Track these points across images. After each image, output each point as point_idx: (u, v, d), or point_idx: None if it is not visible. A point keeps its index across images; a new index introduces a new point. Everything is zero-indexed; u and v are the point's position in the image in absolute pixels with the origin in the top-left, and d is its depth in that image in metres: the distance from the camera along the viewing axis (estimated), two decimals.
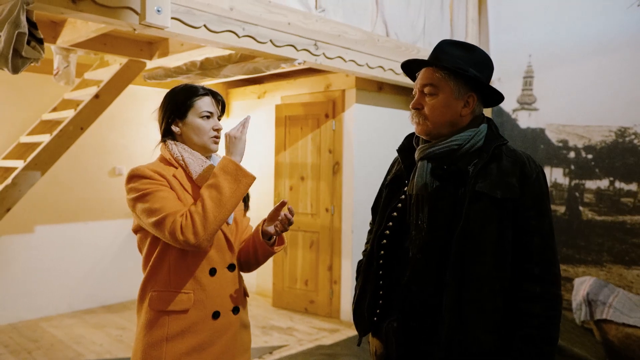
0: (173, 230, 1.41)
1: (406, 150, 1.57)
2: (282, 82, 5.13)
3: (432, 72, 1.44)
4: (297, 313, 4.74)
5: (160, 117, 1.65)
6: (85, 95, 4.08)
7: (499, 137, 1.45)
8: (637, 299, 3.36)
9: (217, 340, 1.53)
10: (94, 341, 3.94)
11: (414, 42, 4.51)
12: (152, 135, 5.28)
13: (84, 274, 4.83)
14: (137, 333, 1.55)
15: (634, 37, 4.14)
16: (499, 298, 1.37)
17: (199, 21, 2.84)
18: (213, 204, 1.45)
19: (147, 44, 4.01)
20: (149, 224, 1.46)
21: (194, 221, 1.42)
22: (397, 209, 1.51)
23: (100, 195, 4.95)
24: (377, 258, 1.53)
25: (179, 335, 1.48)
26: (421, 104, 1.46)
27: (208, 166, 1.59)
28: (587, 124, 4.47)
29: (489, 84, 1.47)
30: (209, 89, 1.65)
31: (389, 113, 4.83)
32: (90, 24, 3.10)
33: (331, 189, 4.65)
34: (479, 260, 1.36)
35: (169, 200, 1.47)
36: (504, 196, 1.36)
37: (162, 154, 1.62)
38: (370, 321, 1.54)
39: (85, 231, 4.86)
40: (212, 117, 1.62)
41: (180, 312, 1.49)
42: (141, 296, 1.56)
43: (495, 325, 1.36)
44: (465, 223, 1.36)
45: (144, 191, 1.48)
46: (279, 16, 3.27)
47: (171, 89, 1.66)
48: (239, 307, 1.60)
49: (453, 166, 1.42)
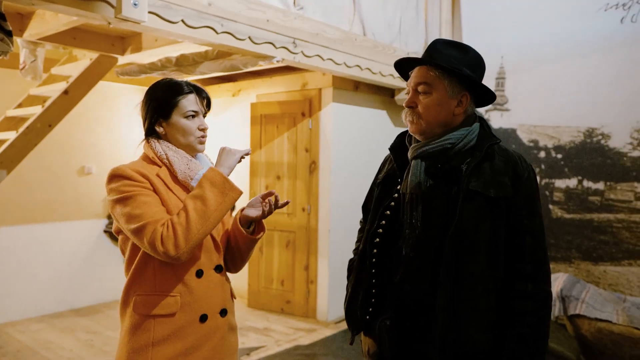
0: (153, 240, 1.36)
1: (398, 148, 1.57)
2: (257, 80, 5.07)
3: (426, 71, 1.44)
4: (273, 313, 4.70)
5: (143, 114, 1.58)
6: (53, 91, 3.93)
7: (491, 136, 1.46)
8: (607, 294, 3.46)
9: (204, 344, 1.48)
10: (63, 346, 3.80)
11: (390, 42, 4.53)
12: (123, 134, 5.13)
13: (52, 277, 4.66)
14: (121, 338, 1.48)
15: (602, 41, 4.27)
16: (492, 297, 1.37)
17: (176, 16, 2.77)
18: (197, 216, 1.40)
19: (119, 38, 3.89)
20: (128, 230, 1.40)
21: (175, 232, 1.36)
22: (390, 208, 1.51)
23: (68, 195, 4.78)
24: (370, 257, 1.52)
25: (165, 339, 1.43)
26: (415, 102, 1.45)
27: (193, 164, 1.53)
28: (557, 124, 4.59)
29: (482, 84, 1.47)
30: (193, 85, 1.57)
31: (366, 112, 4.84)
32: (61, 17, 2.98)
33: (308, 188, 4.63)
34: (473, 258, 1.36)
35: (151, 206, 1.41)
36: (497, 195, 1.37)
37: (145, 152, 1.56)
38: (363, 320, 1.53)
39: (53, 232, 4.69)
40: (198, 116, 1.56)
41: (167, 316, 1.44)
42: (124, 300, 1.49)
43: (488, 324, 1.37)
44: (459, 222, 1.36)
45: (124, 194, 1.41)
46: (258, 13, 3.23)
47: (153, 84, 1.58)
48: (226, 309, 1.56)
49: (447, 165, 1.42)
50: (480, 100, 1.52)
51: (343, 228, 4.61)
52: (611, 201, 4.32)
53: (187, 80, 1.61)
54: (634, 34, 4.14)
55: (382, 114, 5.04)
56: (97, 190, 4.99)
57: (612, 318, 2.89)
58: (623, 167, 4.24)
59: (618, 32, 4.21)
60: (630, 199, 4.21)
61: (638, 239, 4.12)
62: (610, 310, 3.00)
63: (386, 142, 5.59)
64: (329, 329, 4.31)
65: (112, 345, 3.83)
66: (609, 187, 4.33)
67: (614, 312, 2.96)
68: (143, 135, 1.61)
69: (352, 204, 4.72)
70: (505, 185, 1.38)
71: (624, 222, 4.22)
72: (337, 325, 4.41)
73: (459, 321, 1.34)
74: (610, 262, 4.19)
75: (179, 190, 1.51)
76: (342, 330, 4.28)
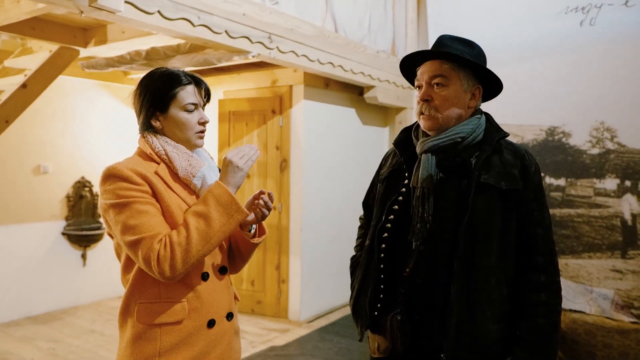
0: (148, 258, 1.26)
1: (403, 143, 1.55)
2: (224, 76, 4.95)
3: (440, 64, 1.43)
4: (244, 314, 4.60)
5: (137, 107, 1.46)
6: (8, 85, 3.67)
7: (499, 130, 1.48)
8: (574, 286, 3.60)
9: (212, 350, 1.41)
10: (24, 356, 3.56)
11: (361, 40, 4.54)
12: (84, 131, 4.88)
13: (6, 283, 4.36)
14: (122, 349, 1.38)
15: (563, 42, 4.44)
16: (505, 288, 1.39)
17: (153, 6, 2.64)
18: (199, 237, 1.30)
19: (82, 30, 3.69)
20: (122, 241, 1.30)
21: (173, 253, 1.27)
22: (398, 202, 1.49)
23: (23, 196, 4.49)
24: (379, 252, 1.50)
25: (172, 348, 1.34)
26: (430, 95, 1.44)
27: (195, 161, 1.44)
28: (520, 123, 4.74)
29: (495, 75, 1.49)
30: (192, 76, 1.47)
31: (335, 110, 4.83)
32: (23, 5, 2.78)
33: (279, 187, 4.56)
34: (486, 250, 1.37)
35: (148, 217, 1.30)
36: (508, 187, 1.39)
37: (142, 148, 1.45)
38: (371, 315, 1.50)
39: (7, 235, 4.39)
40: (197, 109, 1.46)
41: (174, 324, 1.35)
42: (125, 309, 1.39)
43: (502, 316, 1.38)
44: (472, 214, 1.36)
45: (120, 199, 1.30)
46: (234, 6, 3.14)
47: (147, 74, 1.47)
48: (232, 312, 1.49)
49: (457, 158, 1.42)
50: (486, 94, 1.53)
51: (315, 225, 4.58)
52: (572, 197, 4.50)
53: (185, 70, 1.51)
54: (592, 37, 4.33)
55: (351, 112, 5.05)
56: (54, 190, 4.72)
57: (585, 309, 3.01)
58: (583, 164, 4.43)
59: (577, 34, 4.40)
60: (590, 194, 4.41)
61: (597, 233, 4.32)
62: (582, 302, 3.12)
63: (355, 139, 5.62)
64: (302, 328, 4.27)
65: (76, 354, 3.62)
66: (569, 183, 4.52)
67: (586, 303, 3.09)
68: (108, 130, 1.50)
69: (324, 202, 4.70)
70: (515, 177, 1.40)
71: (584, 217, 4.41)
72: (310, 325, 4.37)
73: (474, 313, 1.35)
74: (572, 255, 4.37)
75: (180, 188, 1.42)
76: (316, 329, 4.25)
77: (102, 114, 5.02)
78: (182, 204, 1.39)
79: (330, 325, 4.37)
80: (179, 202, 1.39)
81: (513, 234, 1.40)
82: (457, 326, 1.34)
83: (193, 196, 1.43)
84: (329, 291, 4.76)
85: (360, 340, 1.59)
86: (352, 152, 5.02)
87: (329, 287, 4.76)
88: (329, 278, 4.75)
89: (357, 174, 5.03)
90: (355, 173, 5.01)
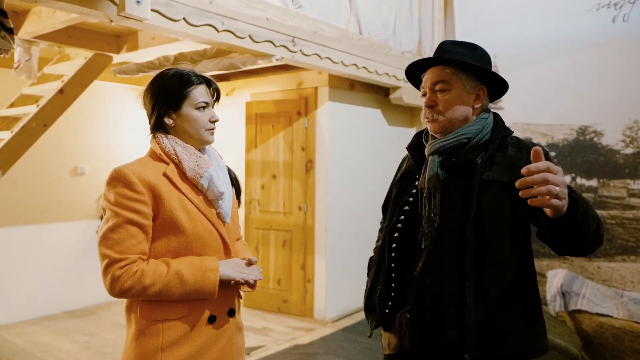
0: (106, 274, 1.37)
1: (416, 147, 1.59)
2: (252, 79, 5.05)
3: (441, 70, 1.47)
4: (270, 313, 4.69)
5: (149, 106, 1.51)
6: (46, 91, 3.87)
7: (505, 129, 1.50)
8: (604, 289, 3.52)
9: (213, 345, 1.47)
10: (61, 348, 3.74)
11: (385, 41, 4.55)
12: (118, 134, 5.07)
13: (45, 279, 4.59)
14: (128, 343, 1.45)
15: (594, 39, 4.33)
16: (524, 280, 1.40)
17: (178, 14, 2.74)
18: (161, 289, 1.38)
19: (115, 37, 3.85)
20: (97, 243, 1.40)
21: (131, 286, 1.35)
22: (408, 203, 1.52)
23: (62, 196, 4.71)
24: (389, 251, 1.53)
25: (174, 343, 1.40)
26: (434, 101, 1.48)
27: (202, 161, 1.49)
28: (550, 122, 4.65)
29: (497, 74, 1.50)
30: (202, 76, 1.53)
31: (361, 111, 4.85)
32: (58, 15, 2.94)
33: (304, 187, 4.62)
34: (499, 246, 1.38)
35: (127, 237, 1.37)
36: (510, 178, 1.38)
37: (152, 148, 1.51)
38: (382, 313, 1.53)
39: (47, 233, 4.62)
40: (208, 108, 1.52)
41: (175, 320, 1.42)
42: (129, 305, 1.46)
43: (525, 310, 1.39)
44: (478, 211, 1.38)
45: (114, 208, 1.38)
46: (258, 11, 3.22)
47: (159, 74, 1.52)
48: (234, 309, 1.54)
49: (462, 158, 1.44)
50: (493, 93, 1.55)
51: (340, 226, 4.62)
52: (604, 198, 4.38)
53: (194, 70, 1.55)
54: (625, 33, 4.21)
55: (377, 113, 5.06)
56: (90, 191, 4.92)
57: (612, 313, 2.94)
58: (616, 164, 4.31)
59: (610, 31, 4.28)
60: (623, 195, 4.28)
61: (631, 235, 4.20)
62: (611, 305, 3.05)
63: (381, 140, 5.64)
64: (327, 327, 4.31)
65: (110, 347, 3.78)
66: (602, 184, 4.40)
67: (614, 307, 3.01)
68: (139, 133, 1.56)
69: (348, 202, 4.73)
70: (520, 167, 1.39)
71: (617, 219, 4.28)
72: (335, 324, 4.41)
73: (494, 310, 1.35)
74: (604, 258, 4.26)
75: (188, 188, 1.47)
76: (340, 329, 4.29)
77: (134, 117, 5.21)
78: (188, 203, 1.45)
79: (354, 325, 4.40)
80: (185, 201, 1.44)
81: (525, 224, 1.41)
82: (478, 325, 1.34)
83: (200, 196, 1.48)
84: (354, 291, 4.78)
85: (370, 336, 1.62)
86: (377, 152, 5.03)
87: (354, 287, 4.79)
88: (354, 278, 4.78)
89: (383, 174, 5.03)
90: (381, 173, 5.02)
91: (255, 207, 4.89)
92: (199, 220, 1.46)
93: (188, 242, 1.45)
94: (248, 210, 4.92)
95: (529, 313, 1.40)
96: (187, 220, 1.44)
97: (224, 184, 1.54)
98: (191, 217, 1.45)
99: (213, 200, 1.51)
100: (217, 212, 1.52)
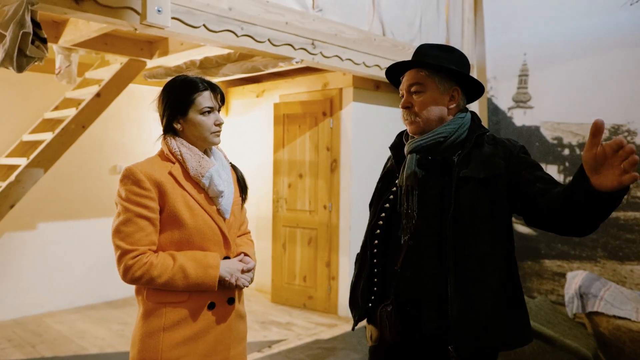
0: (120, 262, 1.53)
1: (397, 146, 1.66)
2: (280, 81, 5.20)
3: (416, 72, 1.54)
4: (296, 308, 4.81)
5: (160, 112, 1.67)
6: (86, 94, 4.15)
7: (480, 128, 1.55)
8: (629, 292, 3.42)
9: (212, 329, 1.59)
10: (97, 335, 4.01)
11: (411, 41, 4.57)
12: (152, 134, 5.34)
13: (87, 271, 4.90)
14: (136, 322, 1.61)
15: (626, 36, 4.20)
16: (504, 273, 1.44)
17: (198, 21, 2.90)
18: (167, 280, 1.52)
19: (147, 43, 4.07)
20: (111, 235, 1.56)
21: (142, 275, 1.50)
22: (389, 201, 1.59)
23: (101, 193, 5.01)
24: (371, 247, 1.60)
25: (175, 325, 1.54)
26: (410, 102, 1.55)
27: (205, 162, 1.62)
28: (581, 121, 4.53)
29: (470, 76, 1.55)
30: (207, 82, 1.66)
31: (386, 111, 4.90)
32: (92, 24, 3.16)
33: (329, 186, 4.72)
34: (477, 240, 1.42)
35: (137, 230, 1.53)
36: (487, 175, 1.44)
37: (162, 149, 1.66)
38: (365, 307, 1.60)
39: (87, 228, 4.93)
40: (213, 112, 1.65)
41: (177, 303, 1.56)
42: (138, 289, 1.62)
43: (503, 302, 1.43)
44: (456, 208, 1.43)
45: (125, 203, 1.54)
46: (277, 16, 3.34)
47: (169, 82, 1.67)
48: (233, 297, 1.66)
49: (439, 156, 1.50)
50: (470, 95, 1.60)
51: (363, 225, 4.64)
52: (638, 199, 4.24)
53: (202, 77, 1.69)
54: None
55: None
56: None
57: (631, 316, 2.87)
58: None
59: None
60: None
61: None
62: (630, 308, 2.97)
63: None
64: (349, 324, 4.39)
65: None
66: (635, 184, 4.25)
67: (633, 310, 2.94)
68: None
69: None
70: (497, 163, 1.45)
71: None
72: None
73: (474, 302, 1.40)
74: (637, 261, 4.12)
75: (190, 186, 1.60)
76: (362, 326, 4.34)
77: None
78: (190, 200, 1.58)
79: None
80: (187, 198, 1.58)
81: (506, 219, 1.45)
82: (459, 317, 1.39)
83: (202, 194, 1.62)
84: None
85: (353, 329, 1.70)
86: None
87: None
88: None
89: None
90: None
91: (282, 205, 5.03)
92: (200, 215, 1.60)
93: (189, 235, 1.59)
94: (275, 209, 5.07)
95: (510, 304, 1.44)
96: (189, 215, 1.58)
97: (224, 182, 1.66)
98: (193, 213, 1.59)
99: (214, 198, 1.64)
100: (217, 209, 1.65)
